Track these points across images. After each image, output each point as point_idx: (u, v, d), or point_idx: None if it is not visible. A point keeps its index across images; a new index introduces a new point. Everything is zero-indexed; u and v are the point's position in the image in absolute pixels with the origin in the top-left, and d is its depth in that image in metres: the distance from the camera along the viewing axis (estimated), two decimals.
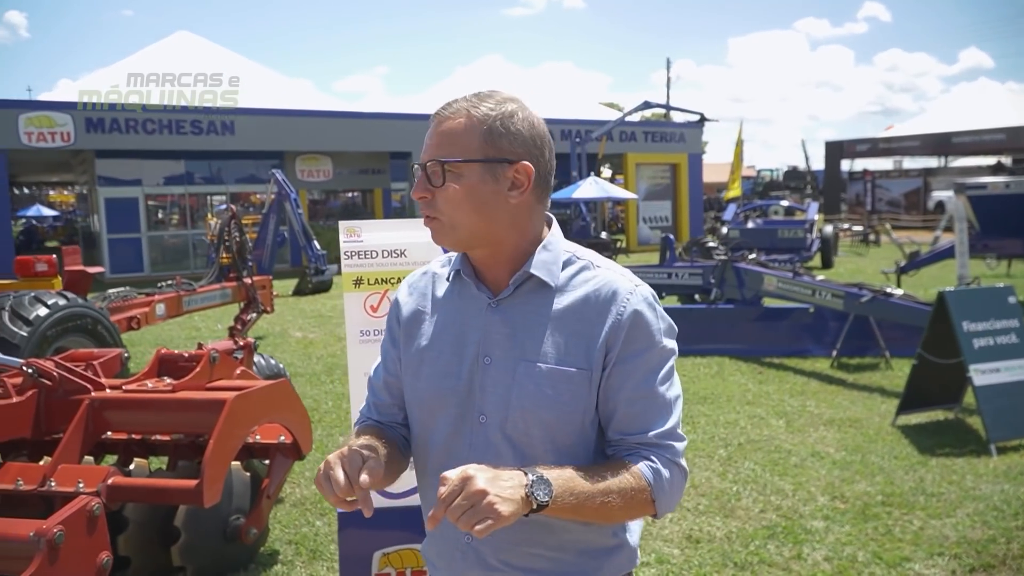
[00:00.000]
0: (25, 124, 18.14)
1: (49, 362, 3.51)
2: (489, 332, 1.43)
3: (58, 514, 2.12)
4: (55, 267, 6.62)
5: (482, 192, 1.39)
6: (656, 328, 1.42)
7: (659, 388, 1.41)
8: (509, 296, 1.44)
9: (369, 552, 2.76)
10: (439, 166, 1.39)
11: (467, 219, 1.40)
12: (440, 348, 1.48)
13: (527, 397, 1.39)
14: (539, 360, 1.40)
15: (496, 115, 1.40)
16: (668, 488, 1.39)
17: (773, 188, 39.77)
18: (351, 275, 2.64)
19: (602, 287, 1.42)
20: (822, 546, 4.04)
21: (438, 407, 1.47)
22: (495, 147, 1.39)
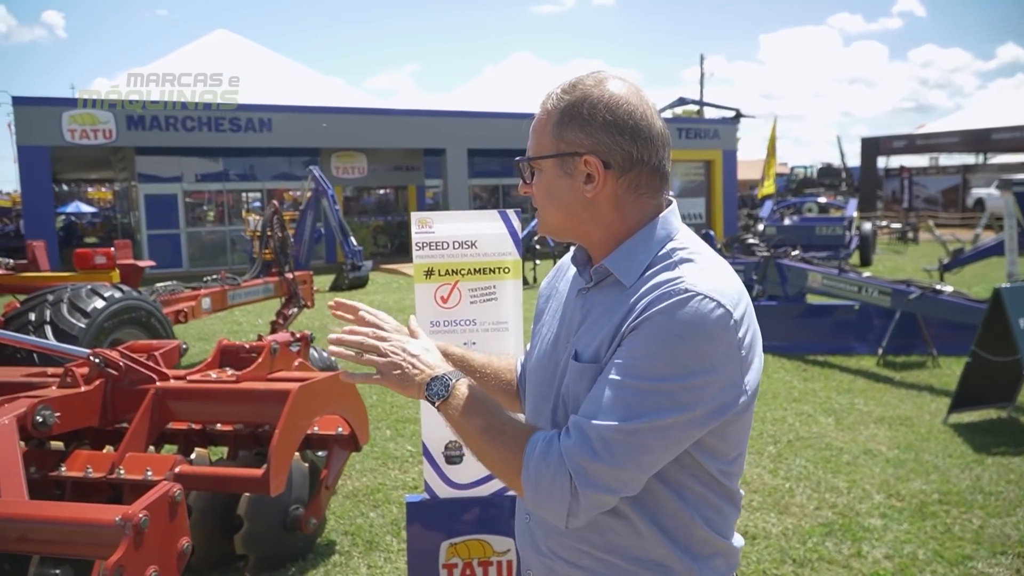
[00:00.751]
0: (68, 122, 18.45)
1: (115, 352, 3.56)
2: (573, 319, 1.43)
3: (143, 499, 2.15)
4: (113, 260, 6.73)
5: (558, 188, 1.36)
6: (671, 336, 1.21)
7: (619, 380, 1.23)
8: (593, 287, 1.41)
9: (436, 543, 2.76)
10: (525, 163, 1.42)
11: (552, 214, 1.40)
12: (549, 328, 1.50)
13: (569, 384, 1.37)
14: (580, 354, 1.36)
15: (567, 105, 1.34)
16: (536, 474, 1.25)
17: (807, 185, 39.19)
18: (422, 266, 2.65)
19: (659, 284, 1.26)
20: (881, 544, 3.99)
21: (531, 383, 1.50)
22: (564, 140, 1.34)
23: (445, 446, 2.77)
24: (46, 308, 5.08)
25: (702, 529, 1.34)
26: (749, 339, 1.27)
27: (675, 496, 1.32)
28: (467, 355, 1.72)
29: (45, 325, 5.00)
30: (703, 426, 1.24)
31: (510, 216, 2.66)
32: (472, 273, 2.66)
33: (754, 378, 1.29)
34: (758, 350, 1.31)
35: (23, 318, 5.06)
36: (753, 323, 1.30)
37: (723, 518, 1.38)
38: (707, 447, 1.30)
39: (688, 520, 1.33)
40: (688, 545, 1.34)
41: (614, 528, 1.33)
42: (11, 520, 2.24)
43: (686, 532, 1.34)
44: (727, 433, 1.30)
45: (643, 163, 1.34)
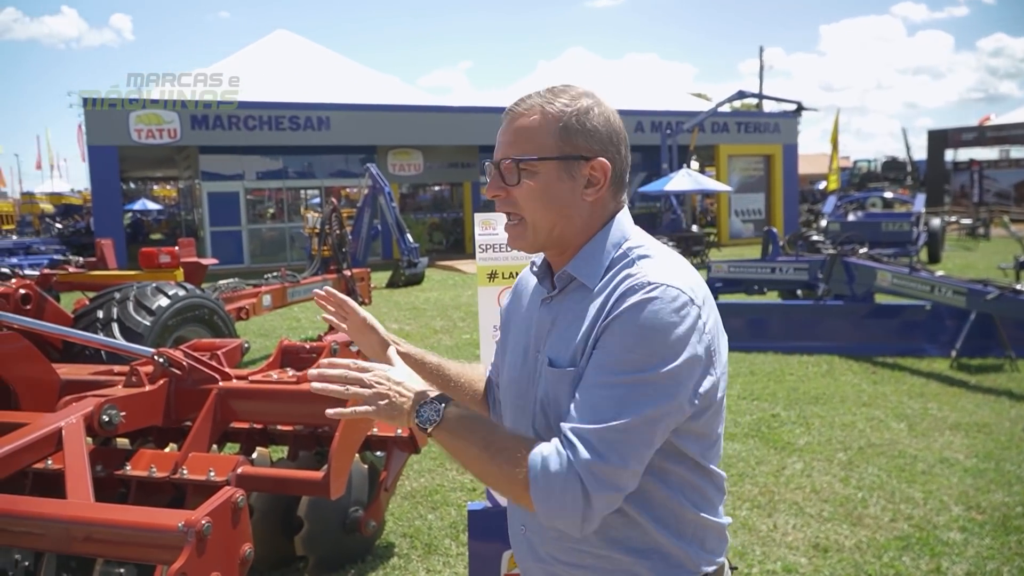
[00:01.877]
0: (135, 121, 18.93)
1: (179, 351, 3.57)
2: (539, 327, 1.45)
3: (206, 505, 2.13)
4: (177, 259, 6.85)
5: (558, 190, 1.37)
6: (643, 329, 1.26)
7: (601, 389, 1.27)
8: (557, 294, 1.44)
9: (498, 552, 2.70)
10: (514, 164, 1.38)
11: (545, 218, 1.39)
12: (514, 340, 1.53)
13: (546, 392, 1.39)
14: (554, 360, 1.38)
15: (572, 111, 1.37)
16: (546, 486, 1.24)
17: (870, 179, 38.16)
18: (485, 268, 2.58)
19: (621, 283, 1.32)
20: (962, 560, 3.80)
21: (506, 394, 1.53)
22: (571, 144, 1.37)
23: None
24: (113, 306, 5.17)
25: (691, 512, 1.39)
26: (712, 322, 1.34)
27: (662, 484, 1.36)
28: (442, 364, 1.74)
29: (112, 323, 5.09)
30: (686, 409, 1.30)
31: None
32: None
33: (722, 359, 1.37)
34: (723, 333, 1.40)
35: (91, 316, 5.16)
36: (714, 309, 1.38)
37: (708, 500, 1.42)
38: (687, 432, 1.34)
39: (677, 506, 1.38)
40: (680, 530, 1.39)
41: (611, 523, 1.34)
42: (77, 522, 2.24)
43: (676, 517, 1.38)
44: (705, 417, 1.36)
45: (626, 173, 1.45)
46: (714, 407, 1.37)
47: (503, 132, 1.41)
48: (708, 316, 1.33)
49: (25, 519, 2.28)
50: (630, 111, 23.18)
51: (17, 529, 2.32)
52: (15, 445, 2.74)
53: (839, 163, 28.53)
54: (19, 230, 29.94)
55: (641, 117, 23.96)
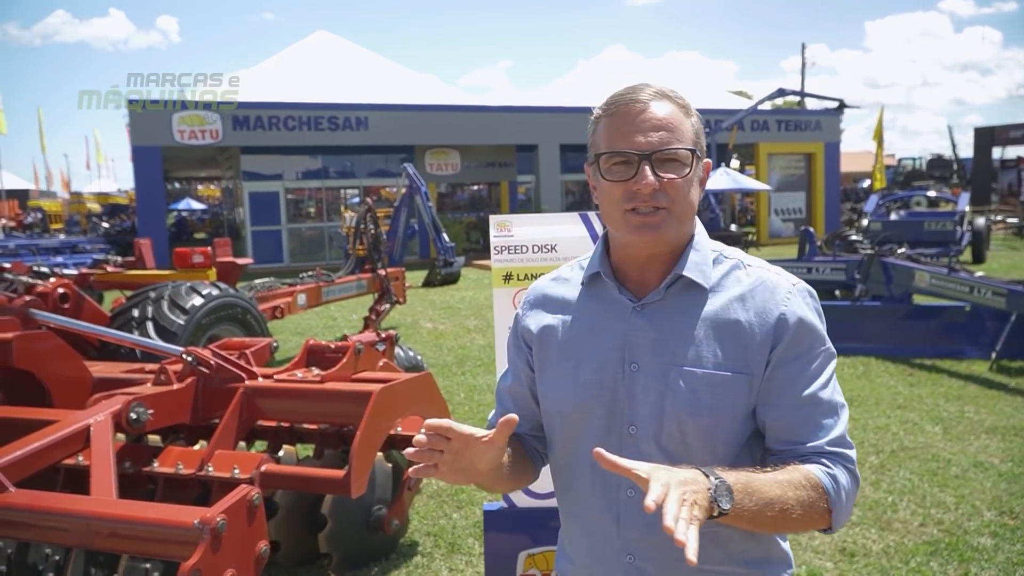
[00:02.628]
0: (178, 123, 19.31)
1: (207, 351, 3.65)
2: (635, 337, 1.37)
3: (221, 503, 2.18)
4: (210, 259, 6.98)
5: (694, 185, 1.36)
6: (819, 329, 1.35)
7: (825, 392, 1.32)
8: (659, 299, 1.37)
9: (515, 552, 2.71)
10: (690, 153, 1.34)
11: (690, 210, 1.36)
12: (579, 357, 1.41)
13: (683, 404, 1.32)
14: (694, 365, 1.32)
15: (684, 104, 1.37)
16: (844, 498, 1.29)
17: (915, 178, 37.36)
18: (501, 270, 2.60)
19: (758, 285, 1.35)
20: (991, 566, 3.72)
21: (581, 420, 1.40)
22: (700, 141, 1.37)
23: None
24: (148, 305, 5.29)
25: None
26: None
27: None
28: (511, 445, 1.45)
29: (147, 321, 5.20)
30: None
31: (591, 219, 2.58)
32: None
33: None
34: None
35: (127, 314, 5.28)
36: None
37: None
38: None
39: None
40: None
41: (732, 537, 1.34)
42: (98, 518, 2.30)
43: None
44: None
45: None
46: None
47: (640, 122, 1.32)
48: None
49: (49, 515, 2.36)
50: None
51: (43, 524, 2.40)
52: (44, 442, 2.83)
53: (884, 161, 28.03)
54: (67, 229, 30.72)
55: None
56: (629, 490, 1.35)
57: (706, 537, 1.24)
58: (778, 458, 1.32)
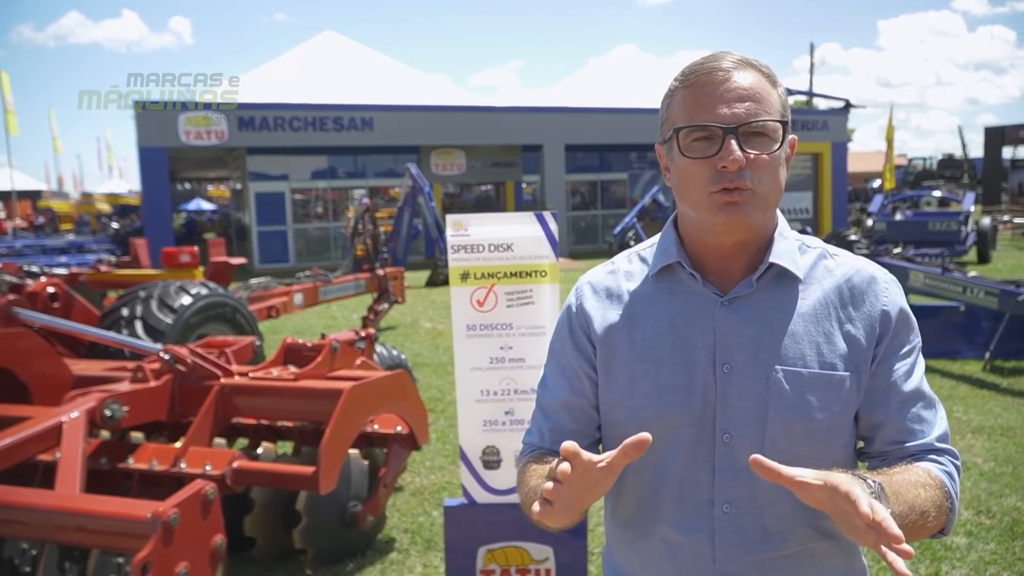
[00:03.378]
0: (184, 123, 19.43)
1: (184, 349, 3.71)
2: (725, 335, 1.23)
3: (174, 497, 2.23)
4: (197, 258, 7.05)
5: (782, 163, 1.21)
6: (914, 320, 1.28)
7: (925, 387, 1.26)
8: (750, 292, 1.23)
9: (475, 547, 2.75)
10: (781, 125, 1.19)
11: (778, 192, 1.22)
12: (658, 359, 1.26)
13: (791, 409, 1.19)
14: (799, 365, 1.20)
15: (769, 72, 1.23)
16: (957, 497, 1.22)
17: (926, 177, 37.11)
18: (458, 269, 2.64)
19: (854, 275, 1.25)
20: (963, 564, 3.73)
21: (665, 428, 1.24)
22: (787, 112, 1.21)
23: (482, 451, 2.75)
24: (138, 304, 5.35)
25: None
26: None
27: None
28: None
29: (136, 320, 5.26)
30: None
31: (547, 218, 2.61)
32: (508, 276, 2.63)
33: None
34: None
35: (116, 313, 5.34)
36: None
37: None
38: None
39: None
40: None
41: (828, 553, 1.25)
42: (57, 511, 2.35)
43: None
44: None
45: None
46: None
47: (723, 92, 1.17)
48: None
49: (11, 508, 2.41)
50: None
51: (3, 517, 2.45)
52: (16, 438, 2.89)
53: (897, 161, 27.87)
54: (77, 230, 30.97)
55: None
56: (725, 505, 1.23)
57: (805, 554, 1.23)
58: (883, 459, 1.22)
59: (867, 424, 1.24)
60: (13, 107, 27.71)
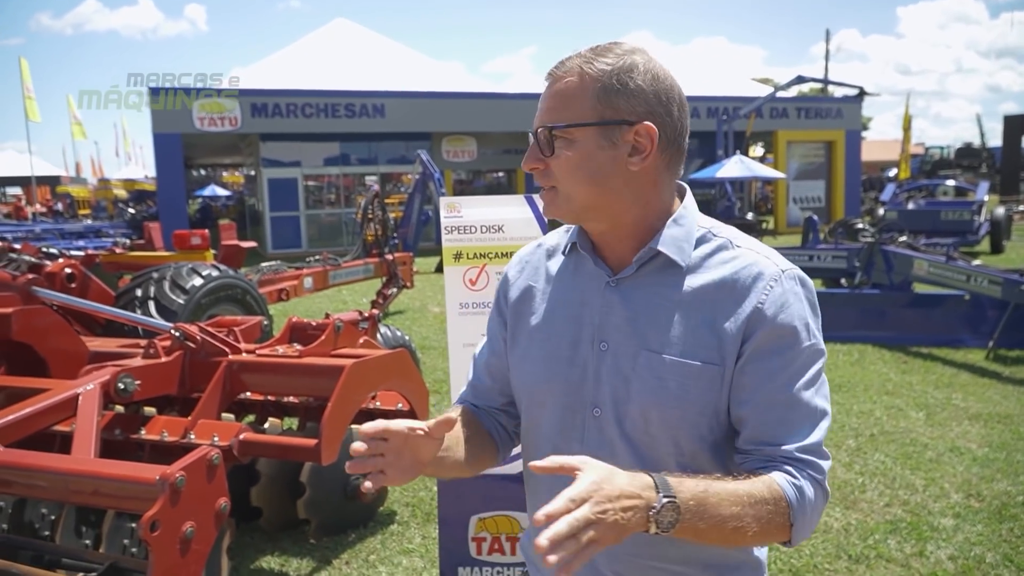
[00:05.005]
0: (198, 110, 19.62)
1: (194, 327, 3.84)
2: (607, 314, 1.28)
3: (180, 461, 2.36)
4: (207, 241, 7.21)
5: (598, 159, 1.23)
6: (805, 322, 1.22)
7: (805, 393, 1.20)
8: (632, 275, 1.28)
9: (466, 516, 2.88)
10: (549, 133, 1.24)
11: (583, 189, 1.25)
12: (551, 329, 1.34)
13: (648, 392, 1.23)
14: (663, 350, 1.23)
15: (613, 70, 1.22)
16: (809, 512, 1.17)
17: (943, 167, 36.88)
18: (451, 249, 2.75)
19: (742, 269, 1.23)
20: (948, 545, 3.83)
21: (546, 394, 1.33)
22: (611, 107, 1.22)
23: None
24: (151, 285, 5.50)
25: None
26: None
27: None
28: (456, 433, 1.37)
29: (149, 301, 5.42)
30: None
31: (536, 201, 2.72)
32: (500, 257, 2.75)
33: None
34: None
35: (131, 294, 5.50)
36: None
37: None
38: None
39: None
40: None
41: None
42: (73, 474, 2.50)
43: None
44: None
45: (681, 137, 1.28)
46: None
47: (543, 98, 1.28)
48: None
49: (31, 471, 2.56)
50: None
51: (25, 481, 2.60)
52: (35, 408, 3.03)
53: (915, 150, 27.68)
54: (94, 215, 31.30)
55: (697, 103, 23.71)
56: None
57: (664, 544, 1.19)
58: (745, 459, 1.23)
59: (735, 420, 1.24)
60: (33, 94, 28.01)
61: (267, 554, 3.83)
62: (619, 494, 1.02)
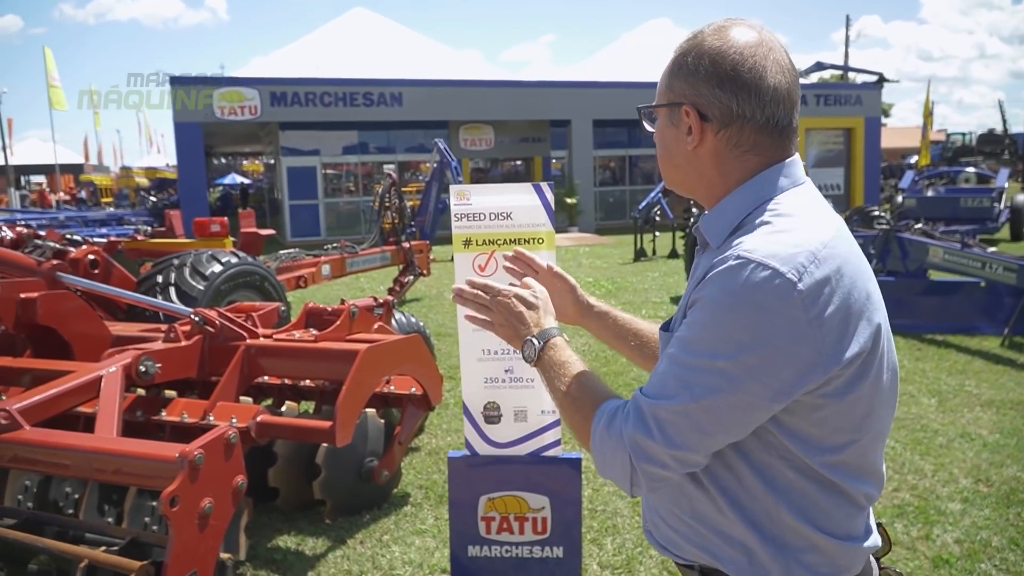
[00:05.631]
0: (218, 99, 19.78)
1: (213, 312, 3.94)
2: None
3: (199, 440, 2.45)
4: (227, 228, 7.34)
5: (667, 138, 1.34)
6: (719, 308, 1.15)
7: (674, 356, 1.20)
8: (700, 250, 1.39)
9: (476, 496, 2.95)
10: (646, 112, 1.38)
11: (664, 166, 1.38)
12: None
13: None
14: (673, 327, 1.35)
15: (679, 53, 1.30)
16: (601, 443, 1.26)
17: (964, 153, 36.37)
18: (461, 236, 2.81)
19: (729, 248, 1.18)
20: (955, 528, 3.87)
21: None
22: (672, 89, 1.31)
23: (484, 406, 2.94)
24: (171, 271, 5.62)
25: (789, 517, 1.23)
26: (833, 310, 1.12)
27: (760, 479, 1.23)
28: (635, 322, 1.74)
29: (170, 287, 5.53)
30: (766, 407, 1.15)
31: (544, 189, 2.78)
32: (508, 243, 2.80)
33: (850, 355, 1.14)
34: (855, 323, 1.15)
35: (152, 280, 5.62)
36: (847, 291, 1.14)
37: (823, 512, 1.24)
38: (795, 432, 1.19)
39: (772, 505, 1.23)
40: (774, 533, 1.24)
41: (698, 498, 1.30)
42: (96, 452, 2.60)
43: (771, 518, 1.24)
44: (819, 417, 1.18)
45: (745, 118, 1.24)
46: (838, 408, 1.18)
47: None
48: (822, 302, 1.12)
49: (55, 449, 2.66)
50: None
51: (50, 459, 2.71)
52: (59, 389, 3.14)
53: (937, 136, 27.38)
54: (116, 202, 31.64)
55: None
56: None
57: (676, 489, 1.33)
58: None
59: None
60: (58, 82, 28.33)
61: (284, 533, 3.93)
62: (519, 312, 1.49)
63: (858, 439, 1.23)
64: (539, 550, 2.94)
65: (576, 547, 2.95)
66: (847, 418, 1.20)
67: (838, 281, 1.14)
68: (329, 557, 3.71)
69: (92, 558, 2.47)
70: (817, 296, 1.11)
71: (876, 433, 1.26)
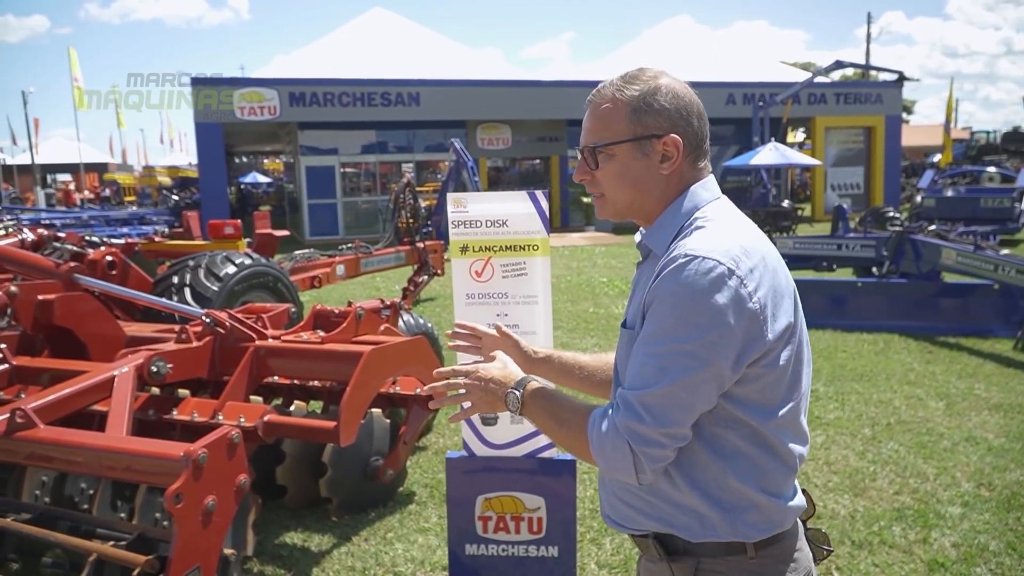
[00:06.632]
0: (238, 99, 20.00)
1: (223, 313, 4.05)
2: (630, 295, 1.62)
3: (203, 439, 2.54)
4: (240, 231, 7.46)
5: (635, 168, 1.51)
6: (677, 299, 1.37)
7: (646, 349, 1.40)
8: (643, 261, 1.60)
9: (473, 496, 3.03)
10: (591, 151, 1.54)
11: (624, 193, 1.54)
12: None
13: (617, 355, 1.58)
14: (625, 322, 1.54)
15: (640, 94, 1.49)
16: (600, 446, 1.42)
17: (988, 152, 36.00)
18: (458, 242, 2.89)
19: (674, 251, 1.42)
20: (953, 532, 3.90)
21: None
22: (642, 125, 1.49)
23: None
24: (187, 273, 5.74)
25: (734, 481, 1.43)
26: (764, 291, 1.38)
27: (708, 449, 1.44)
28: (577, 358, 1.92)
29: (185, 288, 5.65)
30: (729, 376, 1.38)
31: (538, 197, 2.85)
32: (504, 250, 2.88)
33: (779, 327, 1.40)
34: (781, 302, 1.42)
35: (168, 281, 5.74)
36: (772, 275, 1.41)
37: (763, 473, 1.45)
38: (742, 399, 1.41)
39: (718, 471, 1.44)
40: (720, 496, 1.45)
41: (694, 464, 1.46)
42: (105, 451, 2.70)
43: (717, 484, 1.44)
44: (761, 385, 1.41)
45: (702, 142, 1.54)
46: (774, 375, 1.41)
47: (585, 121, 1.56)
48: (754, 285, 1.37)
49: (67, 447, 2.77)
50: (720, 83, 22.80)
51: (63, 456, 2.82)
52: (74, 389, 3.25)
53: (956, 134, 27.07)
54: (139, 201, 32.06)
55: (733, 89, 23.52)
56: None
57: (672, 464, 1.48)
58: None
59: None
60: (82, 83, 28.72)
61: (291, 530, 4.03)
62: (490, 378, 1.62)
63: (792, 399, 1.46)
64: (535, 549, 3.02)
65: (571, 547, 3.02)
66: (783, 382, 1.44)
67: (764, 267, 1.41)
68: (334, 553, 3.81)
69: (101, 552, 2.57)
70: (751, 279, 1.37)
71: (803, 391, 1.50)
